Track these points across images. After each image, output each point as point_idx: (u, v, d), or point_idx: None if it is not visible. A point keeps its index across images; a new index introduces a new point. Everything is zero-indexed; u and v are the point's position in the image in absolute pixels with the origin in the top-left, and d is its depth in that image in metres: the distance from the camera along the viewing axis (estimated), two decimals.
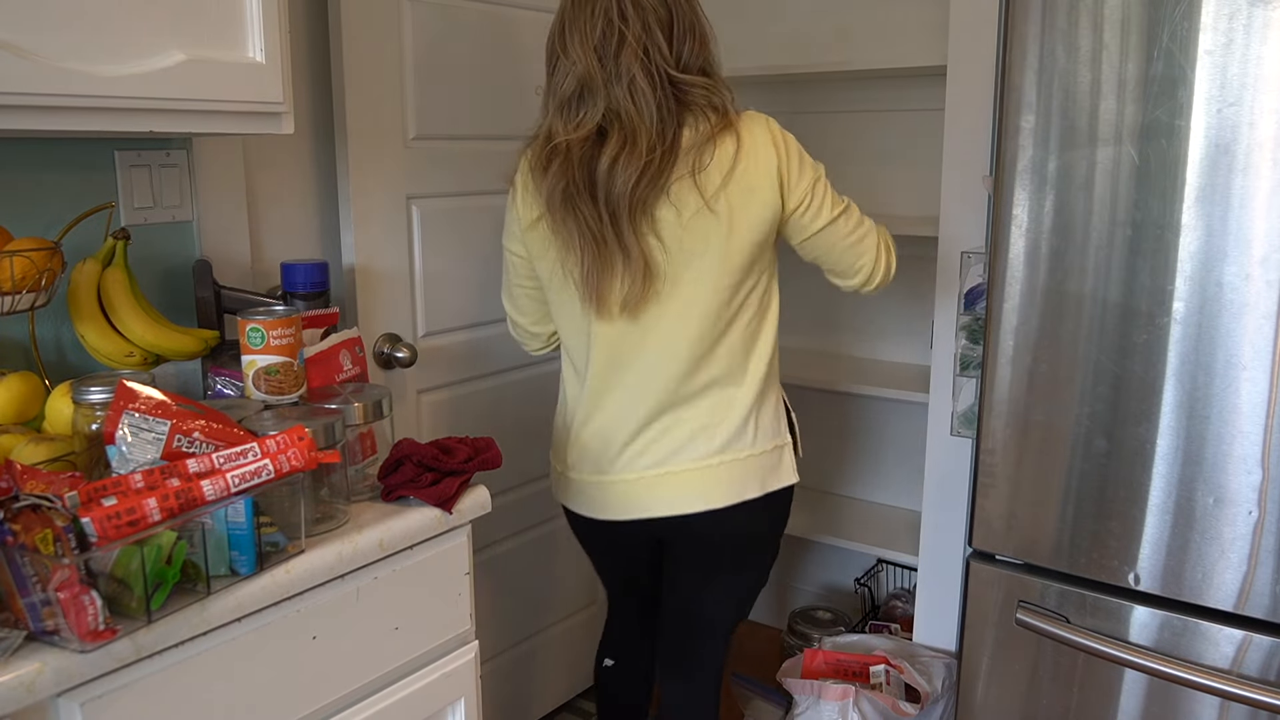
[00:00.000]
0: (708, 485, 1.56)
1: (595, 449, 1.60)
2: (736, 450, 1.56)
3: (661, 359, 1.52)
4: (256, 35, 1.30)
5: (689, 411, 1.55)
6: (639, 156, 1.43)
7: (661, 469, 1.56)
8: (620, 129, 1.44)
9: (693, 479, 1.56)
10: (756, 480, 1.57)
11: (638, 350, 1.54)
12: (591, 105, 1.46)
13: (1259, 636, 1.39)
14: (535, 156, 1.53)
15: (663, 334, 1.52)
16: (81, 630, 0.92)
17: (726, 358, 1.53)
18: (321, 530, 1.20)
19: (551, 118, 1.51)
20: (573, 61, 1.47)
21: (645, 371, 1.54)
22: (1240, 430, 1.36)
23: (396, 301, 1.91)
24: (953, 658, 1.97)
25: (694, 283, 1.50)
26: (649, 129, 1.44)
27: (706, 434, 1.55)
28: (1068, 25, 1.41)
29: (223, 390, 1.47)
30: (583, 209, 1.47)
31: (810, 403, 2.73)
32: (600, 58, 1.45)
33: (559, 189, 1.48)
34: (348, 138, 1.78)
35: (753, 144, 1.48)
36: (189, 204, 1.60)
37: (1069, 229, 1.46)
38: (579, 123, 1.47)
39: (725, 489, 1.56)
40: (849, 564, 2.73)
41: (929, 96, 2.27)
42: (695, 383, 1.53)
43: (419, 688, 1.31)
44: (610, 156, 1.44)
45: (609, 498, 1.61)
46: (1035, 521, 1.56)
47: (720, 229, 1.48)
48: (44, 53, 1.10)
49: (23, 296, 1.25)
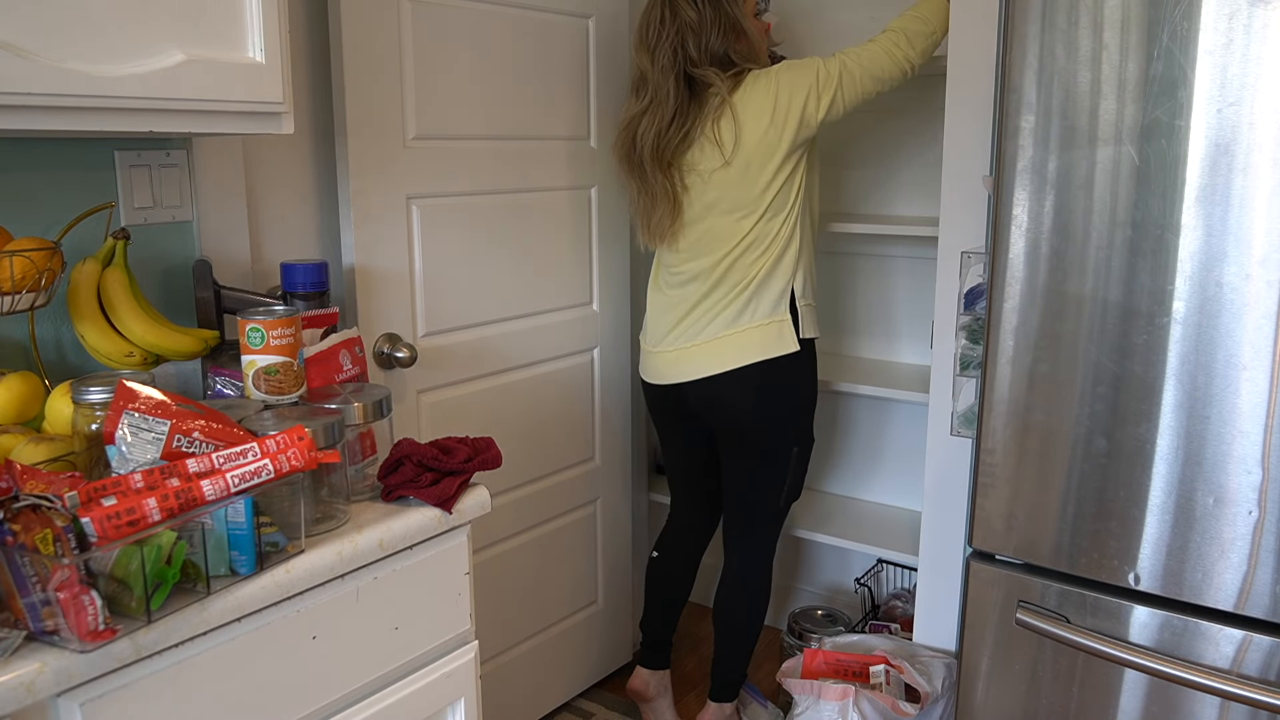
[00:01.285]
0: (713, 354, 2.04)
1: (651, 329, 2.17)
2: (737, 325, 2.02)
3: (690, 278, 2.05)
4: (256, 35, 1.30)
5: (710, 306, 2.04)
6: (658, 123, 1.98)
7: (685, 345, 2.07)
8: (653, 104, 1.98)
9: (702, 350, 2.05)
10: (757, 347, 2.01)
11: (674, 268, 2.09)
12: (645, 89, 2.00)
13: (1259, 636, 1.39)
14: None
15: (691, 258, 2.04)
16: (81, 630, 0.92)
17: (741, 271, 2.01)
18: (321, 530, 1.20)
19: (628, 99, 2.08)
20: (637, 57, 2.03)
21: (679, 284, 2.08)
22: (1240, 430, 1.36)
23: (396, 301, 1.91)
24: (953, 658, 1.97)
25: (716, 219, 2.01)
26: (667, 105, 1.97)
27: (719, 319, 2.03)
28: (1068, 25, 1.41)
29: (223, 390, 1.47)
30: (633, 162, 2.04)
31: None
32: (651, 53, 1.98)
33: (620, 151, 2.08)
34: (348, 138, 1.78)
35: (745, 109, 1.95)
36: (189, 204, 1.60)
37: (1069, 229, 1.46)
38: (637, 102, 2.03)
39: (728, 356, 2.02)
40: (849, 564, 2.73)
41: (929, 96, 2.27)
42: (716, 293, 2.03)
43: (419, 688, 1.31)
44: (644, 124, 1.99)
45: (655, 365, 2.15)
46: (1035, 521, 1.55)
47: (737, 178, 1.97)
48: (44, 53, 1.10)
49: (23, 296, 1.25)
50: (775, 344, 2.01)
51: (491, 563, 2.18)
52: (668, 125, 1.96)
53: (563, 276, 2.28)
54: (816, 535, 2.48)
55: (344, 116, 1.77)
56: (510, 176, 2.10)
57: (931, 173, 2.30)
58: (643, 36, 1.99)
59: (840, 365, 2.55)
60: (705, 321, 2.04)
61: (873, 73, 1.95)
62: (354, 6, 1.75)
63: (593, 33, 2.24)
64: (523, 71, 2.08)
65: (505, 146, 2.08)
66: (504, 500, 2.19)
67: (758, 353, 2.01)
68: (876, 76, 1.96)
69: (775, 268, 2.00)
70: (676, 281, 2.08)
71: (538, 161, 2.16)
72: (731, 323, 2.02)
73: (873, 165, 2.54)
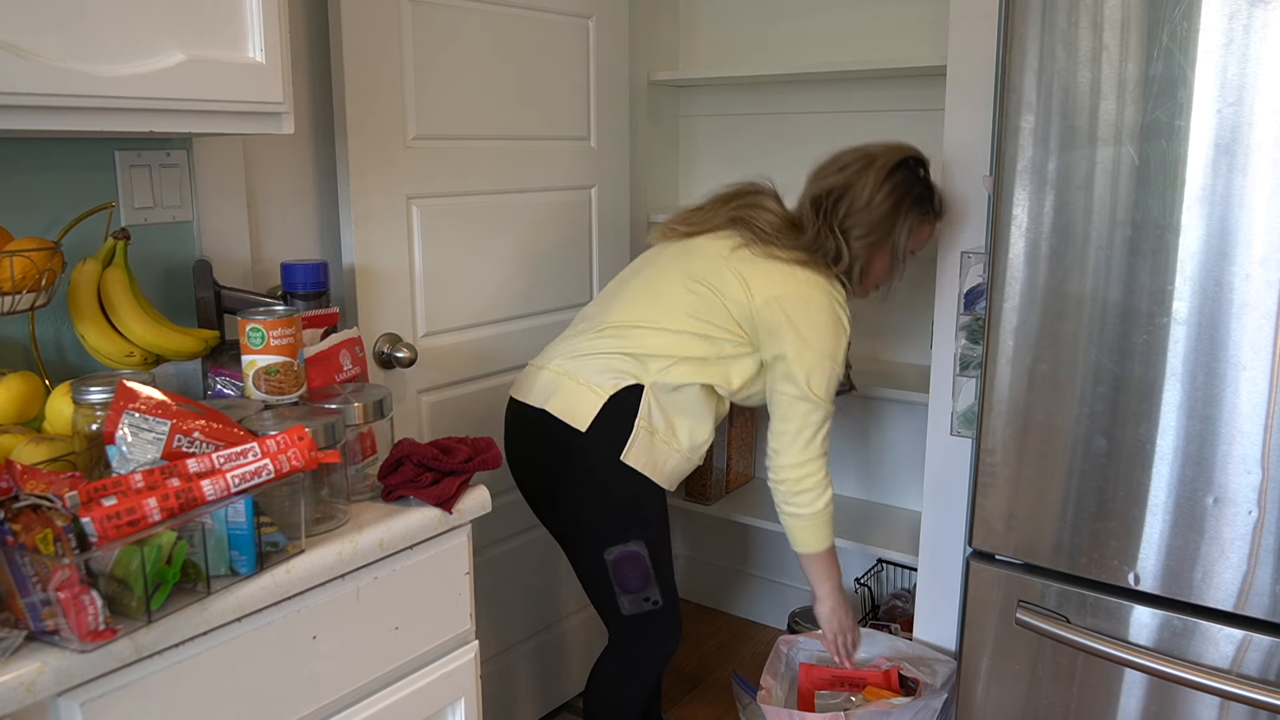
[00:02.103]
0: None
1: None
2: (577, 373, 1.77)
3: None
4: (256, 35, 1.30)
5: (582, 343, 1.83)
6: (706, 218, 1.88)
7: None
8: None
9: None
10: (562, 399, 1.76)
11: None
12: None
13: (1259, 636, 1.39)
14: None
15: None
16: (81, 630, 0.92)
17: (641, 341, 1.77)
18: (321, 530, 1.20)
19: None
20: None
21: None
22: (1240, 430, 1.36)
23: (396, 301, 1.91)
24: (953, 658, 1.97)
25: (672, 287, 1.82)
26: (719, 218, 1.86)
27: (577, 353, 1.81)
28: (1068, 25, 1.41)
29: (223, 390, 1.47)
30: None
31: None
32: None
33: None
34: (348, 138, 1.78)
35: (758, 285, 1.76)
36: (189, 204, 1.60)
37: (1069, 229, 1.46)
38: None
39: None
40: (849, 564, 2.72)
41: (929, 96, 2.27)
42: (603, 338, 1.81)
43: (419, 688, 1.31)
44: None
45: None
46: (1035, 521, 1.55)
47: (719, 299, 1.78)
48: (44, 53, 1.10)
49: (23, 296, 1.25)
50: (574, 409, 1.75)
51: (491, 563, 2.18)
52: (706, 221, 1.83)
53: (563, 276, 2.28)
54: None
55: (344, 116, 1.77)
56: (510, 176, 2.10)
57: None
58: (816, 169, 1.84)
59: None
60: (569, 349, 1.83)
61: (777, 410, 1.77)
62: (354, 6, 1.75)
63: (593, 33, 2.24)
64: (523, 71, 2.08)
65: (505, 146, 2.08)
66: (504, 500, 2.19)
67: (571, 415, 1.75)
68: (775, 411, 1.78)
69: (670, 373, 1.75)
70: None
71: (538, 161, 2.16)
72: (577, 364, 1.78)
73: None
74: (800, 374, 1.73)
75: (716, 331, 1.75)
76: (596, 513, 1.80)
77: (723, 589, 2.99)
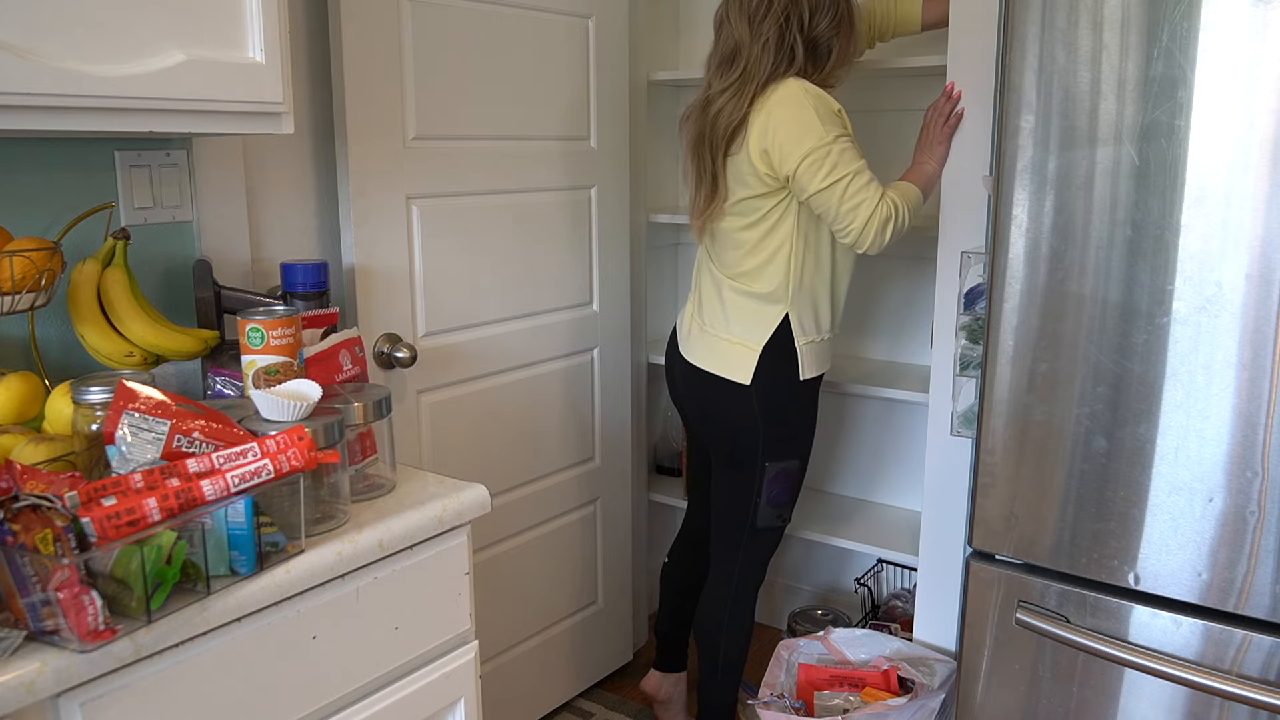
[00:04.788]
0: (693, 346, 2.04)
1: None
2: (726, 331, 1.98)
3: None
4: (256, 35, 1.30)
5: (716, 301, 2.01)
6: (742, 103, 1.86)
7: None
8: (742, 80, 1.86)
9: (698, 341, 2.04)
10: (718, 359, 1.96)
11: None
12: (736, 63, 1.87)
13: (1258, 636, 1.39)
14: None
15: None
16: (81, 630, 0.92)
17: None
18: (321, 530, 1.20)
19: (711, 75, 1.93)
20: (733, 26, 1.87)
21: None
22: (1240, 430, 1.36)
23: (396, 301, 1.91)
24: (952, 658, 1.97)
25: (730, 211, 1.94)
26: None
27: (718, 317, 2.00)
28: (1068, 25, 1.41)
29: (223, 390, 1.47)
30: (700, 149, 1.93)
31: None
32: (751, 22, 1.84)
33: (691, 133, 1.95)
34: (348, 138, 1.78)
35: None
36: (189, 204, 1.60)
37: (1069, 229, 1.46)
38: (723, 78, 1.89)
39: (700, 354, 2.01)
40: (849, 564, 2.73)
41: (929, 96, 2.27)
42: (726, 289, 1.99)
43: (419, 688, 1.31)
44: (727, 106, 1.87)
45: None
46: (1035, 521, 1.55)
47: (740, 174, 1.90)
48: (44, 53, 1.10)
49: (23, 296, 1.25)
50: (740, 366, 1.94)
51: (491, 563, 2.18)
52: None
53: (563, 276, 2.28)
54: (816, 535, 2.48)
55: (344, 117, 1.77)
56: (510, 176, 2.10)
57: None
58: (743, 2, 1.85)
59: (840, 365, 2.55)
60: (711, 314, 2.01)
61: (845, 209, 1.84)
62: (354, 6, 1.75)
63: (593, 33, 2.24)
64: (523, 71, 2.08)
65: (505, 147, 2.08)
66: (504, 500, 2.19)
67: (734, 370, 1.96)
68: (846, 214, 1.85)
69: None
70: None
71: (538, 161, 2.16)
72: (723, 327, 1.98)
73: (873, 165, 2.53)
74: (822, 173, 1.79)
75: (764, 204, 1.87)
76: (770, 429, 1.97)
77: None
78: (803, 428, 2.04)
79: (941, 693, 1.89)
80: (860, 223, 1.82)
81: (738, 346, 1.94)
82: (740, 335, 1.94)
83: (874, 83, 2.46)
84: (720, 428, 2.01)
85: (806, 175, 1.80)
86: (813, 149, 1.79)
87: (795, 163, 1.79)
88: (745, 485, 2.01)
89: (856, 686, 1.97)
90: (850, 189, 1.80)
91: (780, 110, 1.81)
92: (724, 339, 1.96)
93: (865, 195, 1.81)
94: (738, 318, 1.95)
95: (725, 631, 2.10)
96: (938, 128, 1.90)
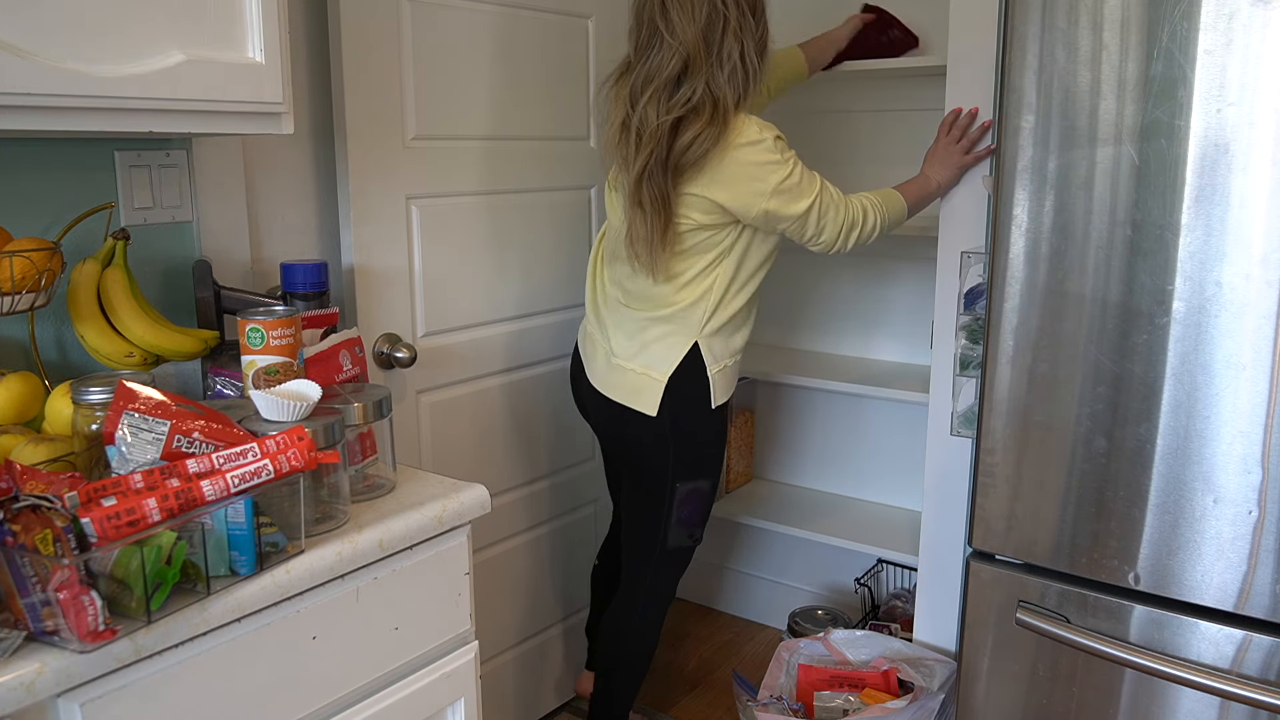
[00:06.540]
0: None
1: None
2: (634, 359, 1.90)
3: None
4: (256, 35, 1.30)
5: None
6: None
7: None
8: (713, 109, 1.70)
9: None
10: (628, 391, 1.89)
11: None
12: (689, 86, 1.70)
13: (1259, 636, 1.39)
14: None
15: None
16: (81, 630, 0.92)
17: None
18: (321, 530, 1.20)
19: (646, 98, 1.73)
20: (679, 41, 1.69)
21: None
22: (1240, 430, 1.36)
23: (396, 301, 1.91)
24: (952, 658, 1.97)
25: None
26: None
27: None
28: (1068, 25, 1.41)
29: (223, 390, 1.47)
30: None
31: (811, 402, 2.73)
32: (706, 40, 1.68)
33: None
34: (348, 138, 1.78)
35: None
36: (189, 204, 1.60)
37: (1069, 229, 1.46)
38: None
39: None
40: (849, 564, 2.73)
41: (929, 96, 2.27)
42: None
43: (419, 688, 1.31)
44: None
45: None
46: (1035, 521, 1.56)
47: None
48: (44, 53, 1.10)
49: (23, 297, 1.25)
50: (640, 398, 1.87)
51: (491, 563, 2.18)
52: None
53: (562, 276, 2.28)
54: (817, 535, 2.48)
55: (344, 116, 1.77)
56: (510, 176, 2.10)
57: None
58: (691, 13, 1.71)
59: (840, 365, 2.55)
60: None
61: (810, 235, 1.82)
62: (354, 6, 1.75)
63: (593, 33, 2.24)
64: (523, 71, 2.08)
65: (505, 146, 2.08)
66: (504, 500, 2.19)
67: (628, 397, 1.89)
68: (812, 239, 1.84)
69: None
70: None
71: (538, 161, 2.16)
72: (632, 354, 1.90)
73: (872, 165, 2.54)
74: (795, 205, 1.76)
75: (712, 236, 1.79)
76: (680, 454, 1.91)
77: (723, 589, 2.99)
78: (712, 449, 1.96)
79: (941, 694, 1.89)
80: (830, 236, 1.82)
81: (643, 377, 1.87)
82: (645, 366, 1.87)
83: (872, 82, 2.46)
84: (630, 449, 1.95)
85: (781, 211, 1.75)
86: (777, 187, 1.74)
87: (764, 203, 1.74)
88: (655, 506, 1.95)
89: (856, 687, 1.97)
90: (819, 208, 1.78)
91: (745, 155, 1.72)
92: (630, 369, 1.89)
93: (832, 210, 1.80)
94: (650, 348, 1.87)
95: (625, 647, 2.05)
96: (950, 149, 1.88)
